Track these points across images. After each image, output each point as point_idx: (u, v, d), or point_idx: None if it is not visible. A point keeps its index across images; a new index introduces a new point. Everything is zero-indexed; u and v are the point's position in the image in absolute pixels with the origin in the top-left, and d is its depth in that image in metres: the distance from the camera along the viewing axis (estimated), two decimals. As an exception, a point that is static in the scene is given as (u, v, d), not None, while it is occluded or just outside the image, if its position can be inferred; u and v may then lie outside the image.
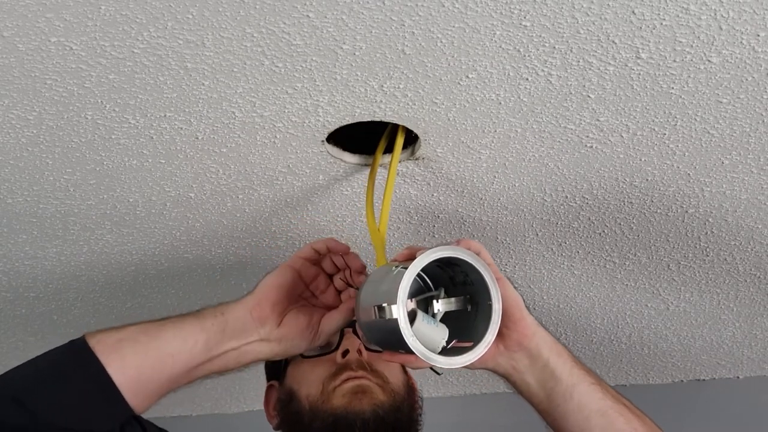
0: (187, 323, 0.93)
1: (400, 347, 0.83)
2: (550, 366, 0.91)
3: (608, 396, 0.92)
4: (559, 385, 0.91)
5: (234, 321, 0.93)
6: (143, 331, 0.91)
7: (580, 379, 0.91)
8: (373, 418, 1.01)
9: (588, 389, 0.91)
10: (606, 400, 0.91)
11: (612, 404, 0.92)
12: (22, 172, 1.07)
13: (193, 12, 0.81)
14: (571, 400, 0.91)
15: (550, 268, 1.35)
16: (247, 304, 0.95)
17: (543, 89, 0.93)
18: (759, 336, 1.56)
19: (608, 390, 0.93)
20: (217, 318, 0.93)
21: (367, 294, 0.87)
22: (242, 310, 0.94)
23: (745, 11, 0.81)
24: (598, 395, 0.91)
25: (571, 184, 1.13)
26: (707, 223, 1.22)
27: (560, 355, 0.92)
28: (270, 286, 0.95)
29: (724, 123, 1.00)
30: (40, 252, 1.27)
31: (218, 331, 0.92)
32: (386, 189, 1.01)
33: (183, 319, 0.93)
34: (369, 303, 0.85)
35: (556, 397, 0.91)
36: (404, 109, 0.97)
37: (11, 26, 0.82)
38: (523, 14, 0.82)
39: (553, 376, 0.91)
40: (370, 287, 0.88)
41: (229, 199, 1.16)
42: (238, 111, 0.97)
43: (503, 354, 0.91)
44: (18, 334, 1.50)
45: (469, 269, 0.86)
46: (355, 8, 0.81)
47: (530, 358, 0.91)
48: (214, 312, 0.94)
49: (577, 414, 0.90)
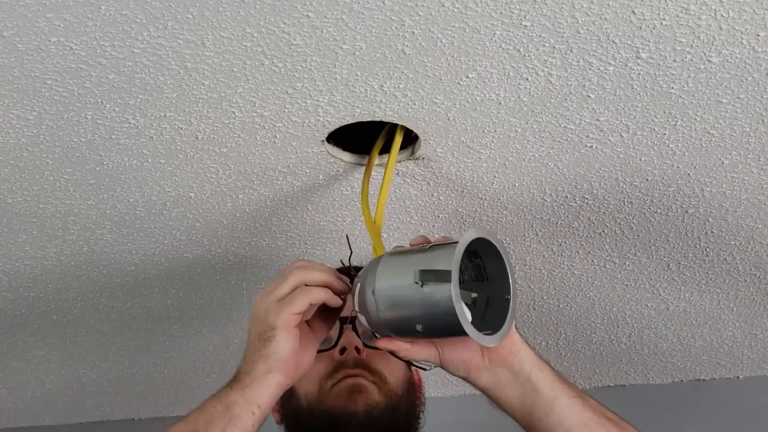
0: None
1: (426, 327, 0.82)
2: (531, 381, 0.91)
3: (588, 409, 0.91)
4: (540, 400, 0.90)
5: (269, 408, 0.89)
6: None
7: (560, 393, 0.91)
8: (367, 418, 1.01)
9: (568, 402, 0.91)
10: (586, 413, 0.91)
11: (592, 416, 0.91)
12: (22, 172, 1.07)
13: (193, 12, 0.81)
14: (552, 413, 0.90)
15: (550, 268, 1.35)
16: (275, 383, 0.88)
17: (543, 89, 0.93)
18: (759, 336, 1.56)
19: (590, 403, 0.93)
20: (255, 415, 0.86)
21: (389, 275, 0.85)
22: (273, 393, 0.88)
23: (745, 11, 0.81)
24: (578, 408, 0.91)
25: (571, 184, 1.13)
26: (707, 223, 1.22)
27: (542, 370, 0.92)
28: (287, 360, 0.88)
29: (724, 123, 1.00)
30: (40, 252, 1.26)
31: (257, 427, 0.88)
32: (383, 181, 1.00)
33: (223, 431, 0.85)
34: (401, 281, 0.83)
35: (537, 411, 0.91)
36: (404, 109, 0.97)
37: (11, 26, 0.82)
38: (523, 14, 0.82)
39: (534, 390, 0.91)
40: (391, 268, 0.86)
41: (229, 199, 1.16)
42: (238, 111, 0.97)
43: (486, 368, 0.91)
44: (18, 334, 1.50)
45: (489, 262, 0.86)
46: (355, 8, 0.81)
47: (513, 373, 0.91)
48: (249, 407, 0.86)
49: (558, 427, 0.90)
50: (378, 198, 1.00)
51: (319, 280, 0.90)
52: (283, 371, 0.88)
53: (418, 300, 0.82)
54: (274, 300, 0.89)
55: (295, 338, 0.88)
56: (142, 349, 1.59)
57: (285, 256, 1.31)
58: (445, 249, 0.83)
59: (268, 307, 0.89)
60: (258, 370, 0.88)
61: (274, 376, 0.88)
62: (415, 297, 0.82)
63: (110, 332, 1.52)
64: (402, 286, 0.83)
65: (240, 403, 0.86)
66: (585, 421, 0.90)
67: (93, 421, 1.89)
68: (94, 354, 1.60)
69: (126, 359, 1.63)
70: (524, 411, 0.91)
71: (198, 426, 0.85)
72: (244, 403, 0.86)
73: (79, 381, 1.70)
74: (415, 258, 0.85)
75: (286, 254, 1.30)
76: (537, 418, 0.91)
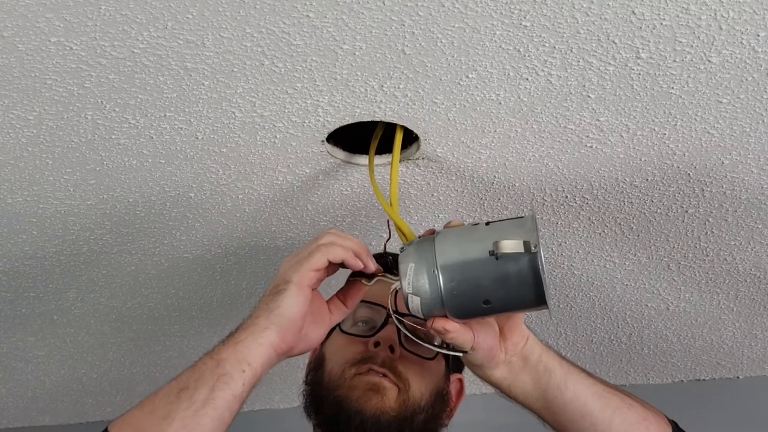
0: (219, 398, 0.82)
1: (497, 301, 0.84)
2: (543, 360, 0.94)
3: (598, 382, 0.95)
4: (553, 378, 0.93)
5: (260, 367, 0.86)
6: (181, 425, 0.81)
7: (570, 369, 0.95)
8: (373, 421, 0.98)
9: (579, 377, 0.94)
10: (598, 384, 0.95)
11: (604, 386, 0.95)
12: (22, 172, 1.07)
13: (193, 12, 0.81)
14: (567, 389, 0.93)
15: (550, 268, 1.35)
16: (269, 343, 0.86)
17: (543, 89, 0.93)
18: (759, 336, 1.56)
19: (597, 377, 0.96)
20: (245, 373, 0.84)
21: (453, 251, 0.85)
22: (266, 354, 0.86)
23: (745, 11, 0.81)
24: (590, 381, 0.95)
25: (571, 184, 1.13)
26: (707, 223, 1.22)
27: (548, 351, 0.96)
28: (290, 319, 0.86)
29: (724, 123, 1.00)
30: (40, 252, 1.26)
31: (249, 387, 0.85)
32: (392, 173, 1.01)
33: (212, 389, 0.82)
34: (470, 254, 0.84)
35: (551, 390, 0.93)
36: (404, 109, 0.97)
37: (11, 26, 0.82)
38: (523, 14, 0.82)
39: (546, 369, 0.94)
40: (453, 245, 0.86)
41: (229, 199, 1.16)
42: (238, 111, 0.97)
43: (503, 360, 0.94)
44: (18, 334, 1.50)
45: None
46: (355, 8, 0.80)
47: (524, 358, 0.94)
48: (239, 365, 0.84)
49: (575, 402, 0.93)
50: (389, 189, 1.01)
51: (345, 244, 0.89)
52: (282, 331, 0.85)
53: (493, 272, 0.83)
54: (296, 258, 0.89)
55: (305, 298, 0.87)
56: (142, 349, 1.59)
57: (285, 256, 1.30)
58: (511, 223, 0.86)
59: (289, 264, 0.89)
60: (257, 326, 0.86)
61: (270, 333, 0.85)
62: (488, 269, 0.83)
63: (110, 332, 1.52)
64: (473, 259, 0.84)
65: (230, 361, 0.84)
66: (599, 392, 0.94)
67: (93, 421, 1.88)
68: (94, 354, 1.60)
69: (126, 359, 1.63)
70: (538, 393, 0.94)
71: (188, 383, 0.83)
72: (234, 361, 0.84)
73: (79, 381, 1.70)
74: (480, 233, 0.86)
75: (286, 254, 1.30)
76: (552, 397, 0.93)
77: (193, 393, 0.82)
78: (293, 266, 0.88)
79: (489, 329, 0.92)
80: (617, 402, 0.94)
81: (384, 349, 1.01)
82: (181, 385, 0.84)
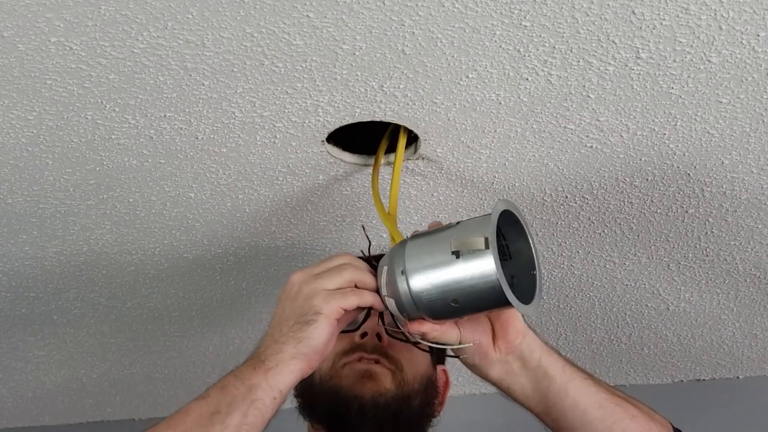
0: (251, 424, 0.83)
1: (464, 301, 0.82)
2: (542, 365, 0.91)
3: (602, 389, 0.93)
4: (554, 384, 0.91)
5: (287, 393, 0.87)
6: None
7: (573, 375, 0.92)
8: (372, 404, 0.99)
9: (582, 384, 0.92)
10: (601, 393, 0.92)
11: (607, 396, 0.92)
12: (22, 172, 1.07)
13: (193, 12, 0.81)
14: (567, 397, 0.91)
15: (550, 268, 1.35)
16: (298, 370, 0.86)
17: (543, 89, 0.93)
18: (759, 336, 1.56)
19: (601, 384, 0.94)
20: (276, 400, 0.85)
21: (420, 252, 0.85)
22: (295, 381, 0.86)
23: (745, 11, 0.81)
24: (593, 389, 0.92)
25: (571, 184, 1.13)
26: (707, 223, 1.22)
27: (551, 354, 0.92)
28: (318, 350, 0.86)
29: (724, 123, 1.00)
30: (40, 252, 1.26)
31: (276, 411, 0.86)
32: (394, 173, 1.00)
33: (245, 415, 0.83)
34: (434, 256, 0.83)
35: (551, 396, 0.91)
36: (404, 109, 0.97)
37: (11, 26, 0.82)
38: (523, 14, 0.82)
39: (546, 375, 0.91)
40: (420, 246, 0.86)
41: (229, 199, 1.16)
42: (238, 111, 0.97)
43: (497, 358, 0.91)
44: (18, 334, 1.50)
45: (511, 238, 0.87)
46: (355, 8, 0.81)
47: (522, 359, 0.92)
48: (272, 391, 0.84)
49: (575, 410, 0.91)
50: (390, 188, 1.00)
51: (370, 286, 0.89)
52: (309, 359, 0.86)
53: (455, 272, 0.82)
54: (323, 287, 0.87)
55: (334, 331, 0.87)
56: (142, 349, 1.59)
57: (285, 256, 1.31)
58: (476, 221, 0.85)
59: (315, 292, 0.87)
60: (285, 353, 0.86)
61: (299, 362, 0.85)
62: (451, 270, 0.83)
63: (110, 332, 1.52)
64: (436, 261, 0.83)
65: (263, 387, 0.84)
66: (600, 401, 0.91)
67: (93, 421, 1.89)
68: (94, 354, 1.60)
69: (126, 359, 1.63)
70: (538, 397, 0.92)
71: (220, 407, 0.83)
72: (267, 387, 0.84)
73: (79, 381, 1.70)
74: (445, 234, 0.85)
75: (286, 254, 1.30)
76: (552, 403, 0.91)
77: (225, 417, 0.83)
78: (323, 296, 0.87)
79: (479, 327, 0.91)
80: (619, 413, 0.91)
81: (372, 338, 1.03)
82: (212, 408, 0.84)
